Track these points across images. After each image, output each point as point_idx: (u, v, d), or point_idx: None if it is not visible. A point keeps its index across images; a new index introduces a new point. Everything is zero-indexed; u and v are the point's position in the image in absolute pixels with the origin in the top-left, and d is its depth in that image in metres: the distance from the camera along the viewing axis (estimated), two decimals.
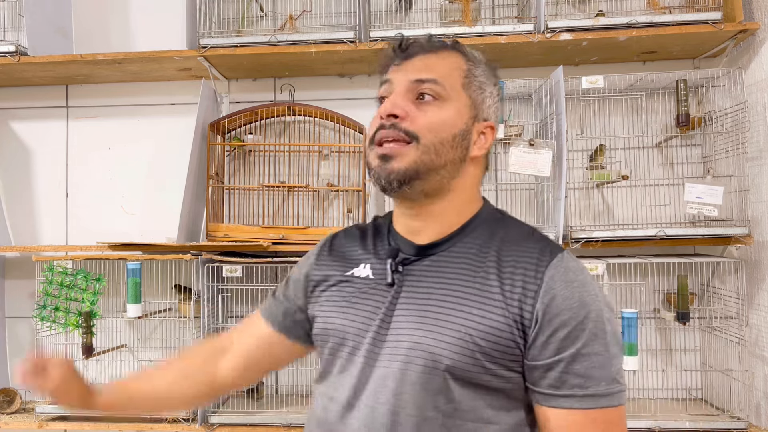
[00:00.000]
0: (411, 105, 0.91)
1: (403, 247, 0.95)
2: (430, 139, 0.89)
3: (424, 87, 0.91)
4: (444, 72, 0.93)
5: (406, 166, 0.88)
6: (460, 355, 0.83)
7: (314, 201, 2.18)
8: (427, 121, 0.90)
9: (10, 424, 1.94)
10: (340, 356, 0.92)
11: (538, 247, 0.89)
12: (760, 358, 1.78)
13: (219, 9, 2.21)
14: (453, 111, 0.92)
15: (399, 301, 0.90)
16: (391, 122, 0.90)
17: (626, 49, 1.97)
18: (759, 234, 1.80)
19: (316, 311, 0.99)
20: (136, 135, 2.26)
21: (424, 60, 0.94)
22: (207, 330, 1.90)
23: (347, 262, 1.00)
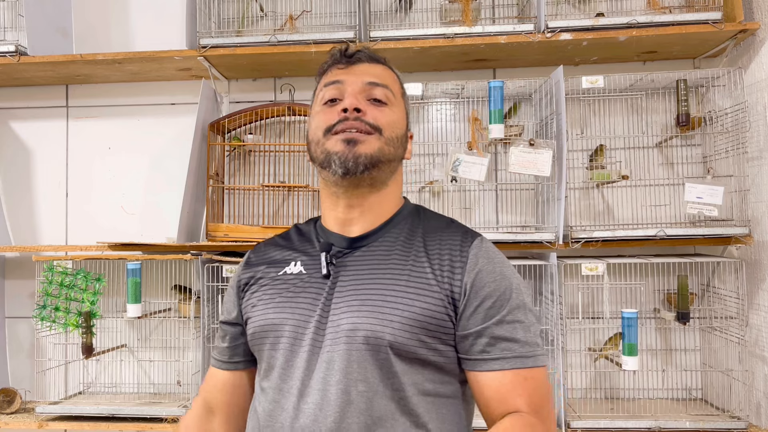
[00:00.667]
0: (367, 104, 1.00)
1: (335, 241, 1.02)
2: (389, 133, 0.99)
3: (377, 90, 1.01)
4: (390, 81, 1.04)
5: (372, 152, 0.96)
6: (401, 332, 0.90)
7: (314, 201, 2.18)
8: (386, 119, 1.00)
9: (10, 424, 1.94)
10: (281, 349, 0.95)
11: (460, 232, 1.01)
12: (760, 358, 1.78)
13: (219, 9, 2.21)
14: (399, 115, 1.03)
15: (336, 290, 0.96)
16: (355, 115, 0.97)
17: (626, 49, 1.97)
18: (759, 234, 1.80)
19: (250, 312, 1.02)
20: (136, 135, 2.26)
21: (371, 68, 1.04)
22: (207, 330, 1.90)
23: (276, 264, 1.05)
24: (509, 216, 2.11)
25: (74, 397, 2.09)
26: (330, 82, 1.03)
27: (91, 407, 1.92)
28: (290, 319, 0.96)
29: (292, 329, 0.95)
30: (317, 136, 1.00)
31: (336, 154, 0.96)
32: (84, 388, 2.18)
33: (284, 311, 0.97)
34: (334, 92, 1.02)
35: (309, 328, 0.94)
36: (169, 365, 2.16)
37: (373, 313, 0.91)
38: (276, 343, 0.96)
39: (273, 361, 0.96)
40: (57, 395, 2.12)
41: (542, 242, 1.79)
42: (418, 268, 0.95)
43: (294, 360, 0.94)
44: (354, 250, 1.00)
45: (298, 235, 1.10)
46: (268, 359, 0.97)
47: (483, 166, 1.85)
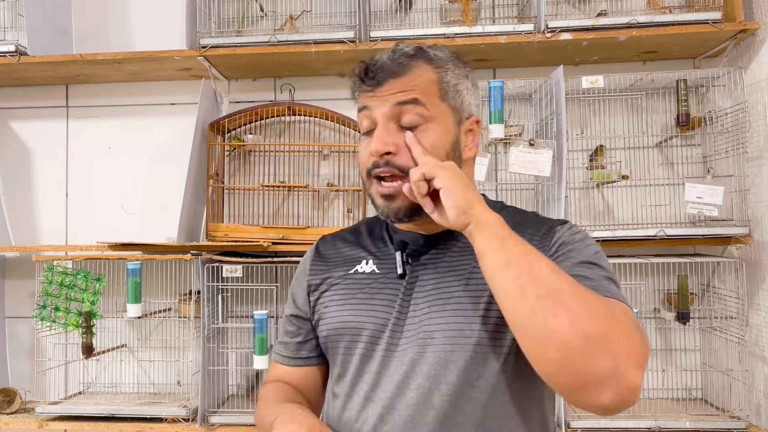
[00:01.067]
0: (398, 135, 0.91)
1: (410, 239, 0.97)
2: None
3: (406, 111, 0.91)
4: (422, 89, 0.92)
5: (409, 204, 0.90)
6: (485, 331, 0.86)
7: (314, 201, 2.18)
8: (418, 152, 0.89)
9: (10, 424, 1.94)
10: (357, 354, 0.93)
11: (547, 221, 0.97)
12: (760, 358, 1.78)
13: (219, 9, 2.21)
14: (441, 129, 0.92)
15: (415, 289, 0.92)
16: (384, 160, 0.90)
17: (626, 49, 1.97)
18: (759, 234, 1.80)
19: (322, 312, 0.98)
20: (136, 135, 2.26)
21: (397, 83, 0.92)
22: (207, 330, 1.90)
23: (346, 262, 1.00)
24: None
25: (74, 397, 2.09)
26: (360, 108, 0.97)
27: (91, 407, 1.92)
28: (368, 322, 0.92)
29: (371, 333, 0.92)
30: (363, 177, 0.97)
31: (379, 208, 0.94)
32: (84, 388, 2.18)
33: (360, 314, 0.94)
34: (366, 122, 0.95)
35: (386, 331, 0.91)
36: (169, 365, 2.16)
37: (457, 311, 0.88)
38: (352, 347, 0.93)
39: (347, 365, 0.94)
40: (57, 395, 2.12)
41: None
42: None
43: (369, 364, 0.91)
44: (431, 248, 0.96)
45: (369, 232, 1.05)
46: (343, 363, 0.95)
47: (483, 166, 1.85)
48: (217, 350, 1.97)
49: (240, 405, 1.98)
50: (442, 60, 0.96)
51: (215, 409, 1.92)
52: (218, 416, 1.88)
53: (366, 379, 0.91)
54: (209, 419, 1.87)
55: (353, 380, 0.92)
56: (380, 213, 0.95)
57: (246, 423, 1.86)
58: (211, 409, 1.90)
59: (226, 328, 2.05)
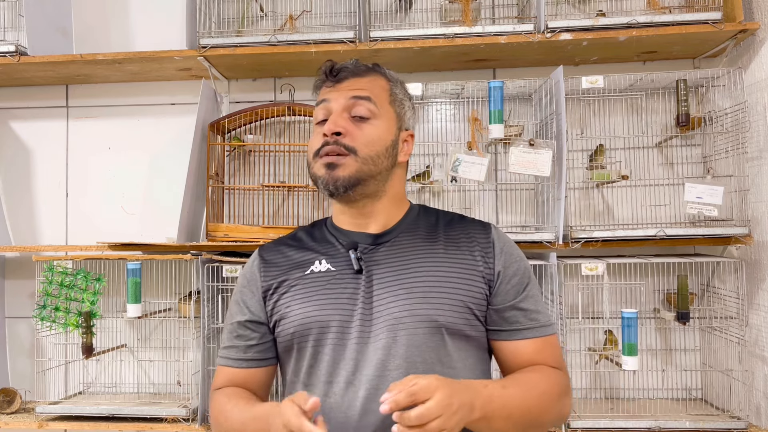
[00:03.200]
0: (350, 123, 1.06)
1: (358, 238, 1.09)
2: (367, 152, 1.05)
3: (359, 107, 1.06)
4: (374, 92, 1.09)
5: (349, 174, 1.03)
6: (451, 313, 1.01)
7: (314, 201, 2.18)
8: (364, 138, 1.05)
9: (10, 424, 1.94)
10: (328, 344, 1.01)
11: (476, 222, 1.14)
12: (760, 358, 1.78)
13: (219, 9, 2.21)
14: (384, 126, 1.08)
15: (374, 282, 1.03)
16: (334, 139, 1.04)
17: (626, 49, 1.97)
18: (759, 234, 1.80)
19: (283, 313, 1.06)
20: (136, 135, 2.26)
21: (356, 82, 1.09)
22: (207, 330, 1.90)
23: (299, 265, 1.09)
24: (509, 216, 2.11)
25: (74, 397, 2.09)
26: (319, 101, 1.12)
27: (91, 407, 1.92)
28: (334, 314, 1.01)
29: (339, 324, 1.01)
30: (309, 158, 1.10)
31: (320, 179, 1.06)
32: (84, 388, 2.18)
33: (326, 308, 1.02)
34: (322, 112, 1.10)
35: (354, 321, 1.00)
36: (169, 365, 2.16)
37: (424, 298, 1.01)
38: (322, 339, 1.02)
39: (320, 355, 1.02)
40: (57, 395, 2.12)
41: (542, 242, 1.79)
42: (452, 254, 1.06)
43: (344, 353, 1.00)
44: (379, 245, 1.08)
45: (310, 237, 1.15)
46: (314, 354, 1.03)
47: (483, 166, 1.85)
48: (217, 350, 1.97)
49: None
50: (393, 77, 1.14)
51: None
52: None
53: (344, 366, 0.99)
54: (209, 419, 1.87)
55: (330, 368, 1.00)
56: (322, 185, 1.05)
57: None
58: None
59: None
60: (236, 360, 1.12)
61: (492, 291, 1.06)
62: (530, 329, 1.06)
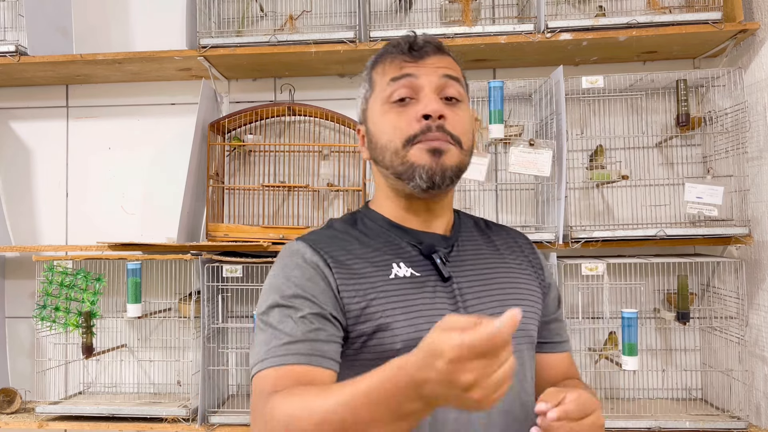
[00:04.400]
0: (446, 107, 0.91)
1: (431, 240, 0.95)
2: (467, 142, 0.93)
3: (451, 88, 0.92)
4: (460, 75, 0.96)
5: (455, 163, 0.90)
6: (533, 324, 0.96)
7: (314, 201, 2.18)
8: (462, 126, 0.92)
9: (10, 424, 1.94)
10: None
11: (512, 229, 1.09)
12: (760, 358, 1.78)
13: (219, 9, 2.21)
14: (467, 113, 0.96)
15: (464, 292, 0.91)
16: (438, 123, 0.88)
17: (626, 49, 1.97)
18: (759, 234, 1.80)
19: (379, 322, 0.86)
20: (136, 135, 2.26)
21: (441, 59, 0.94)
22: (207, 330, 1.90)
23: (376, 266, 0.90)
24: (509, 216, 2.11)
25: (74, 397, 2.09)
26: (399, 76, 0.91)
27: (91, 407, 1.92)
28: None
29: None
30: (394, 146, 0.89)
31: (422, 168, 0.87)
32: (84, 388, 2.18)
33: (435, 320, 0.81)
34: (406, 90, 0.91)
35: None
36: (169, 365, 2.16)
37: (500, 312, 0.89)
38: None
39: None
40: (57, 395, 2.12)
41: (542, 242, 1.79)
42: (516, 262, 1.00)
43: None
44: (452, 247, 0.96)
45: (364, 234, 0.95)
46: None
47: (483, 166, 1.85)
48: (217, 350, 1.97)
49: (240, 405, 1.98)
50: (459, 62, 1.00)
51: (215, 409, 1.92)
52: (218, 416, 1.88)
53: None
54: (209, 419, 1.87)
55: None
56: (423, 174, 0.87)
57: (246, 423, 1.86)
58: (211, 409, 1.90)
59: (226, 328, 2.05)
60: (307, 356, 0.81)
61: (543, 301, 1.02)
62: (566, 342, 1.06)
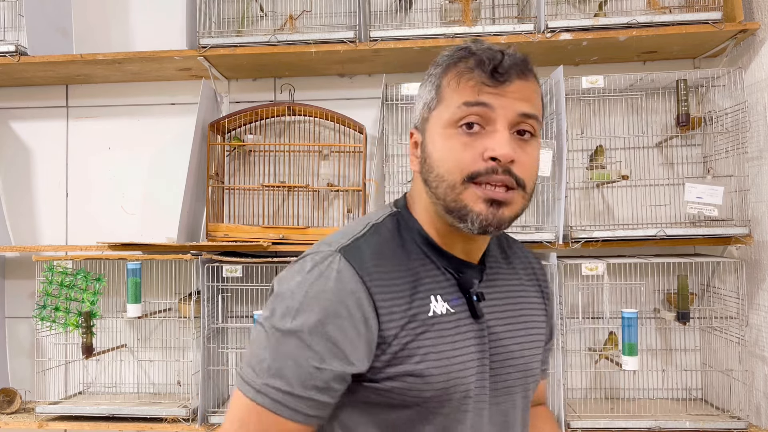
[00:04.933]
0: (518, 147, 0.81)
1: (468, 272, 0.87)
2: (531, 186, 0.83)
3: (527, 124, 0.81)
4: (539, 104, 0.84)
5: (515, 213, 0.81)
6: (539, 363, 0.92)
7: (314, 201, 2.18)
8: (530, 168, 0.82)
9: (10, 424, 1.94)
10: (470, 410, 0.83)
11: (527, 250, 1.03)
12: (760, 358, 1.78)
13: (219, 9, 2.21)
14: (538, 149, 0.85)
15: (492, 330, 0.85)
16: (505, 167, 0.78)
17: (626, 49, 1.97)
18: (759, 234, 1.80)
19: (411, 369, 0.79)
20: (136, 135, 2.26)
21: (524, 87, 0.82)
22: (207, 330, 1.90)
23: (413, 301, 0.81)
24: None
25: (74, 397, 2.09)
26: (474, 103, 0.80)
27: (91, 407, 1.92)
28: (471, 374, 0.81)
29: (476, 386, 0.82)
30: (453, 180, 0.80)
31: (477, 215, 0.79)
32: (84, 388, 2.18)
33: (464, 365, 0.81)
34: (476, 118, 0.80)
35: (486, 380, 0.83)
36: (169, 365, 2.16)
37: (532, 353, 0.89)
38: (464, 404, 0.81)
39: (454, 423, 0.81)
40: (57, 395, 2.12)
41: (542, 242, 1.79)
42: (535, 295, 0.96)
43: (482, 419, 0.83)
44: (481, 279, 0.89)
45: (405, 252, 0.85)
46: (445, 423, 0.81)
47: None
48: (217, 350, 1.97)
49: None
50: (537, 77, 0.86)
51: (215, 409, 1.92)
52: (218, 416, 1.88)
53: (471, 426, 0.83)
54: (209, 419, 1.87)
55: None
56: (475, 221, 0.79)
57: None
58: (211, 409, 1.90)
59: (226, 328, 2.05)
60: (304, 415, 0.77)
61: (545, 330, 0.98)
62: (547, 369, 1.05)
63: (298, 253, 1.92)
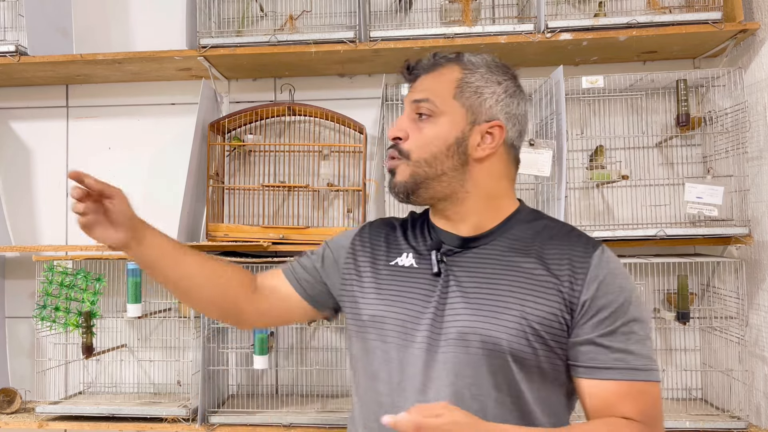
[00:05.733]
0: (412, 124, 1.03)
1: (446, 239, 1.03)
2: (419, 154, 1.01)
3: (420, 107, 1.03)
4: (436, 89, 1.02)
5: (404, 180, 1.02)
6: (518, 338, 0.92)
7: (314, 201, 2.18)
8: (419, 140, 1.01)
9: (10, 424, 1.94)
10: (390, 342, 0.98)
11: (582, 240, 0.99)
12: (760, 358, 1.78)
13: (219, 9, 2.21)
14: (447, 124, 1.01)
15: (449, 290, 0.97)
16: (394, 143, 1.04)
17: (626, 49, 1.97)
18: (759, 234, 1.80)
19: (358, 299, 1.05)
20: (136, 135, 2.26)
21: (423, 81, 1.06)
22: (207, 330, 1.90)
23: (390, 249, 1.08)
24: None
25: (74, 397, 2.09)
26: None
27: (91, 407, 1.92)
28: (403, 314, 0.98)
29: (402, 324, 0.98)
30: None
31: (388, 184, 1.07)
32: (84, 388, 2.18)
33: (395, 306, 1.00)
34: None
35: (422, 325, 0.96)
36: (169, 365, 2.16)
37: (489, 317, 0.93)
38: (385, 336, 0.99)
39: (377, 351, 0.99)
40: (57, 395, 2.12)
41: None
42: (536, 274, 0.96)
43: (406, 356, 0.96)
44: (467, 249, 1.01)
45: (412, 225, 1.12)
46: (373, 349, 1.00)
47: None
48: (217, 350, 1.97)
49: (240, 405, 1.98)
50: (474, 64, 1.04)
51: (215, 409, 1.92)
52: (218, 416, 1.88)
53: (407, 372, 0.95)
54: (209, 419, 1.87)
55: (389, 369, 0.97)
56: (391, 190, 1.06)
57: (246, 423, 1.86)
58: (211, 409, 1.90)
59: (226, 328, 2.05)
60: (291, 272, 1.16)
61: (574, 321, 0.94)
62: (611, 369, 0.91)
63: (298, 254, 1.93)
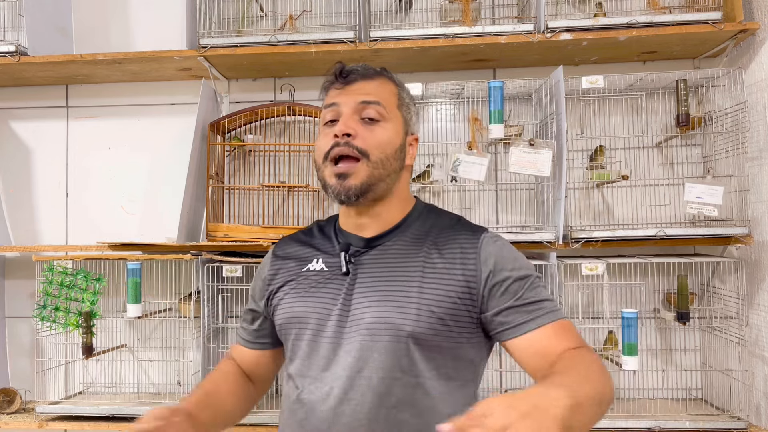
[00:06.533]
0: (360, 125, 1.07)
1: (353, 241, 1.11)
2: (378, 155, 1.05)
3: (369, 109, 1.07)
4: (384, 96, 1.10)
5: (361, 182, 1.04)
6: (419, 322, 0.99)
7: (314, 201, 2.18)
8: (375, 140, 1.06)
9: (10, 424, 1.94)
10: (305, 339, 1.06)
11: (468, 228, 1.11)
12: (760, 358, 1.78)
13: (219, 9, 2.21)
14: (393, 130, 1.09)
15: (356, 285, 1.05)
16: (345, 140, 1.05)
17: (626, 49, 1.97)
18: (759, 234, 1.80)
19: (275, 306, 1.13)
20: (136, 135, 2.26)
21: (365, 85, 1.10)
22: (207, 330, 1.90)
23: (299, 261, 1.14)
24: (509, 216, 2.11)
25: (74, 397, 2.09)
26: (328, 105, 1.11)
27: (91, 407, 1.92)
28: (313, 312, 1.06)
29: (316, 321, 1.05)
30: (318, 160, 1.09)
31: (330, 187, 1.06)
32: (84, 388, 2.18)
33: (307, 305, 1.07)
34: (331, 114, 1.10)
35: (331, 320, 1.04)
36: (169, 365, 2.16)
37: (393, 306, 1.01)
38: (300, 334, 1.07)
39: (297, 350, 1.07)
40: (57, 395, 2.12)
41: (542, 242, 1.79)
42: (432, 263, 1.05)
43: (317, 349, 1.04)
44: (370, 249, 1.10)
45: (320, 233, 1.19)
46: (293, 348, 1.08)
47: (483, 166, 1.85)
48: (217, 350, 1.97)
49: None
50: (399, 82, 1.16)
51: None
52: None
53: (317, 363, 1.03)
54: None
55: (304, 364, 1.05)
56: (332, 193, 1.06)
57: (246, 423, 1.86)
58: None
59: (226, 328, 2.05)
60: (243, 340, 1.23)
61: (479, 298, 1.03)
62: (534, 320, 1.01)
63: None
